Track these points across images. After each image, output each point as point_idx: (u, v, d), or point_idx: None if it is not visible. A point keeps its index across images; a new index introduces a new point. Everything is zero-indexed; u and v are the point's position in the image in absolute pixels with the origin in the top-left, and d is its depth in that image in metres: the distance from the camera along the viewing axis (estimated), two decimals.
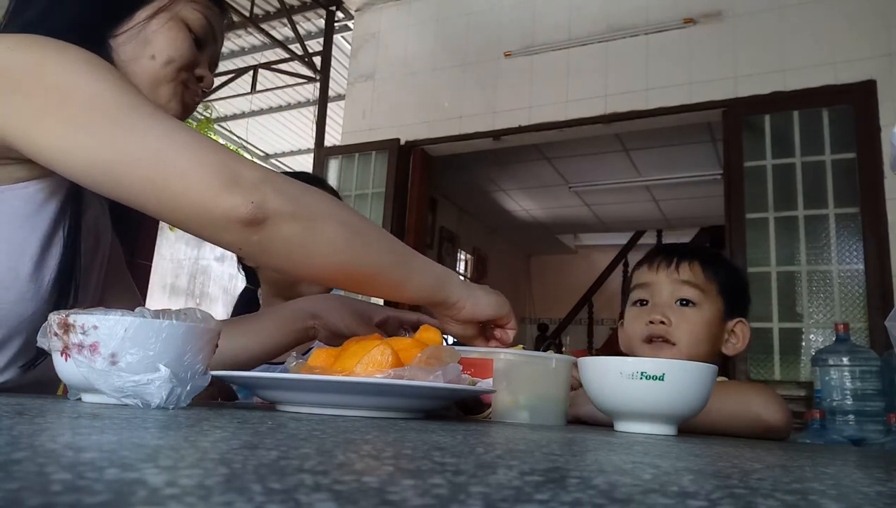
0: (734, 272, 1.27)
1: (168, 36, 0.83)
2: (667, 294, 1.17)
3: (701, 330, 1.15)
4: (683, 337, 1.13)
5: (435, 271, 0.80)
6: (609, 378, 0.74)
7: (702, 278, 1.18)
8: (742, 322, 1.21)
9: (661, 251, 1.24)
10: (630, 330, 1.20)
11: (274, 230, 0.65)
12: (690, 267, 1.18)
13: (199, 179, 0.63)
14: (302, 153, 7.11)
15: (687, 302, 1.16)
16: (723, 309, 1.18)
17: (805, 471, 0.39)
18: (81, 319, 0.56)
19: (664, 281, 1.18)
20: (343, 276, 0.74)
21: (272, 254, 0.69)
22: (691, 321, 1.15)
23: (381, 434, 0.43)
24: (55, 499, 0.16)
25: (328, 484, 0.21)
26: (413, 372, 0.64)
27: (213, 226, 0.65)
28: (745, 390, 1.03)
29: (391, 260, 0.76)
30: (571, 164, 5.50)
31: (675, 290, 1.17)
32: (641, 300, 1.20)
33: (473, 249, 6.99)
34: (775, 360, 2.98)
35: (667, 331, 1.14)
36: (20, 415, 0.38)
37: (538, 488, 0.23)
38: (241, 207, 0.63)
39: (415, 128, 4.07)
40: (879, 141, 2.94)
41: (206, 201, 0.63)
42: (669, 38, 3.52)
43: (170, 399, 0.55)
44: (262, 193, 0.64)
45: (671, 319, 1.14)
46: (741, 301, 1.23)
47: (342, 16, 4.72)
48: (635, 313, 1.21)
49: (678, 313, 1.15)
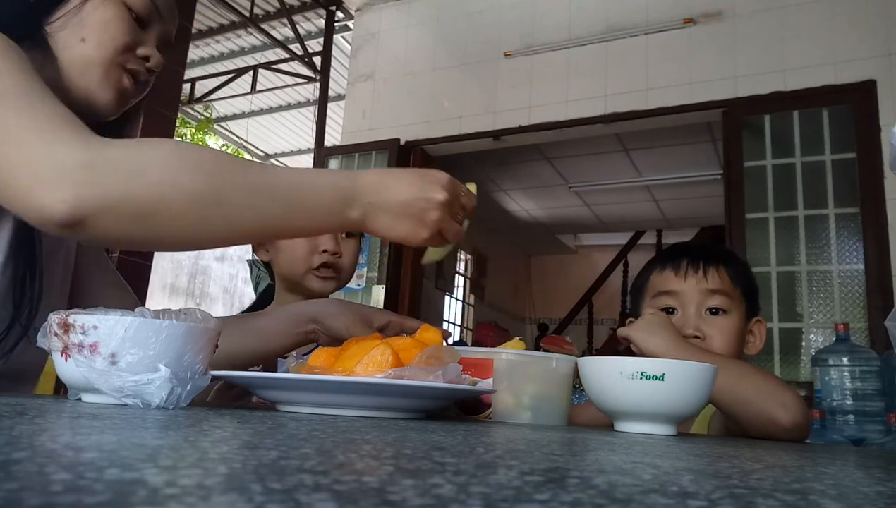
0: (750, 271, 1.24)
1: (101, 17, 0.80)
2: (696, 303, 1.14)
3: (733, 337, 1.13)
4: (718, 347, 1.10)
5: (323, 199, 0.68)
6: (609, 378, 0.74)
7: (729, 283, 1.15)
8: (759, 321, 1.19)
9: (684, 253, 1.20)
10: None
11: (97, 228, 0.58)
12: (718, 272, 1.15)
13: (20, 174, 0.57)
14: (302, 153, 7.11)
15: (717, 311, 1.13)
16: (745, 311, 1.16)
17: (805, 471, 0.39)
18: (81, 319, 0.56)
19: (693, 289, 1.14)
20: (206, 244, 0.67)
21: (114, 245, 0.64)
22: (724, 330, 1.12)
23: (381, 434, 0.43)
24: (55, 499, 0.16)
25: (328, 484, 0.21)
26: (413, 372, 0.64)
27: (42, 226, 0.59)
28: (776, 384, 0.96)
29: (260, 212, 0.65)
30: (571, 164, 5.50)
31: (704, 299, 1.14)
32: (668, 308, 1.16)
33: (473, 249, 6.99)
34: (775, 360, 2.98)
35: (700, 344, 1.10)
36: (20, 415, 0.38)
37: (538, 488, 0.23)
38: (53, 207, 0.56)
39: (415, 128, 4.07)
40: (879, 141, 2.94)
41: (22, 199, 0.57)
42: (669, 38, 3.52)
43: (170, 399, 0.55)
44: (77, 189, 0.56)
45: (704, 331, 1.11)
46: (757, 299, 1.21)
47: (342, 16, 4.72)
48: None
49: (710, 323, 1.12)
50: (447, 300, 6.58)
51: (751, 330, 1.18)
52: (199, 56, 5.70)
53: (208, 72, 5.76)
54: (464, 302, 7.08)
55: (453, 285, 6.68)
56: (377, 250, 3.94)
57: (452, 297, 6.77)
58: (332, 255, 1.22)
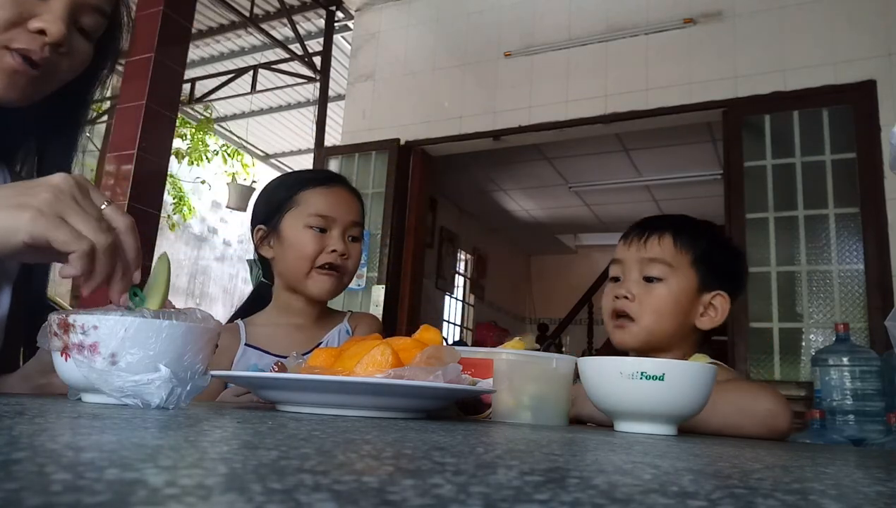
0: (718, 243, 1.25)
1: None
2: (636, 270, 1.18)
3: (665, 305, 1.15)
4: (645, 313, 1.15)
5: None
6: (609, 378, 0.74)
7: (671, 251, 1.17)
8: (721, 295, 1.18)
9: (637, 225, 1.25)
10: (603, 305, 1.24)
11: None
12: (660, 240, 1.18)
13: None
14: (302, 153, 7.11)
15: (651, 279, 1.17)
16: (697, 281, 1.17)
17: (805, 471, 0.39)
18: (81, 319, 0.55)
19: (633, 257, 1.20)
20: None
21: None
22: (656, 296, 1.15)
23: (381, 434, 0.43)
24: (55, 499, 0.16)
25: (328, 484, 0.21)
26: (413, 372, 0.64)
27: None
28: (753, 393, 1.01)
29: None
30: (571, 164, 5.50)
31: (641, 267, 1.18)
32: (615, 277, 1.23)
33: (473, 249, 6.99)
34: (775, 360, 2.98)
35: (629, 307, 1.15)
36: (20, 415, 0.38)
37: (538, 488, 0.23)
38: None
39: (415, 128, 4.07)
40: (879, 141, 2.94)
41: None
42: (669, 38, 3.52)
43: (170, 399, 0.55)
44: None
45: (635, 294, 1.16)
46: (725, 273, 1.21)
47: (342, 16, 4.72)
48: (608, 288, 1.24)
49: (644, 289, 1.16)
50: (447, 300, 6.58)
51: (710, 303, 1.18)
52: (199, 56, 5.70)
53: (208, 72, 5.76)
54: (464, 302, 7.08)
55: (453, 285, 6.68)
56: (377, 250, 3.94)
57: (452, 297, 6.77)
58: (340, 256, 1.22)
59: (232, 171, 6.68)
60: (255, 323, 1.28)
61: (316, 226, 1.23)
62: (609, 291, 1.22)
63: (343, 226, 1.25)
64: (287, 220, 1.25)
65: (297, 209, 1.25)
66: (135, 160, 2.74)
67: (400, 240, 3.98)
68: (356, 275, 1.37)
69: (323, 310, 1.31)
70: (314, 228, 1.23)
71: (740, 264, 1.28)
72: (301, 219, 1.24)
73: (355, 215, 1.28)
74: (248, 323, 1.28)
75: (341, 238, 1.24)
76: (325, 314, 1.32)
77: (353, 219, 1.27)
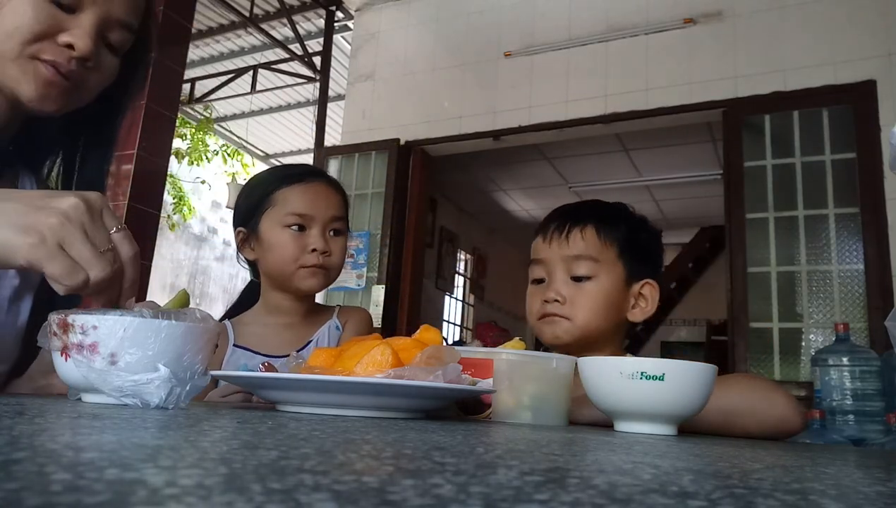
0: (638, 230, 1.18)
1: (14, 5, 0.72)
2: (561, 270, 1.12)
3: (598, 302, 1.10)
4: (578, 313, 1.09)
5: None
6: (609, 378, 0.74)
7: (596, 245, 1.11)
8: (650, 284, 1.14)
9: (556, 217, 1.17)
10: (528, 308, 1.16)
11: None
12: (583, 234, 1.12)
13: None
14: (302, 153, 7.10)
15: (581, 278, 1.11)
16: (624, 273, 1.12)
17: (805, 471, 0.39)
18: (81, 319, 0.55)
19: (556, 256, 1.12)
20: None
21: None
22: (590, 296, 1.10)
23: (381, 434, 0.43)
24: (55, 499, 0.16)
25: (328, 484, 0.21)
26: (413, 372, 0.64)
27: None
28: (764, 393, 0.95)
29: None
30: (571, 164, 5.50)
31: (568, 266, 1.11)
32: (537, 279, 1.15)
33: (473, 249, 6.99)
34: (775, 360, 2.98)
35: (561, 310, 1.10)
36: (20, 415, 0.38)
37: (538, 488, 0.23)
38: None
39: (415, 128, 4.07)
40: (879, 141, 2.94)
41: None
42: (669, 38, 3.52)
43: (169, 398, 0.55)
44: None
45: (565, 296, 1.10)
46: (648, 260, 1.16)
47: (342, 16, 4.72)
48: (532, 290, 1.16)
49: (573, 289, 1.10)
50: (447, 300, 6.58)
51: (640, 293, 1.13)
52: (199, 56, 5.70)
53: (208, 72, 5.76)
54: (464, 302, 7.08)
55: (453, 285, 6.68)
56: (377, 250, 3.94)
57: (452, 297, 6.77)
58: (321, 254, 1.19)
59: (232, 171, 6.69)
60: (243, 323, 1.26)
61: (294, 225, 1.20)
62: (534, 293, 1.14)
63: (322, 222, 1.21)
64: (265, 222, 1.21)
65: (274, 209, 1.21)
66: (135, 160, 2.74)
67: (400, 240, 3.98)
68: (356, 276, 1.36)
69: (311, 307, 1.30)
70: (292, 227, 1.19)
71: (659, 246, 1.22)
72: (278, 219, 1.20)
73: (335, 209, 1.24)
74: (236, 322, 1.26)
75: (321, 235, 1.20)
76: (313, 310, 1.30)
77: (333, 213, 1.23)
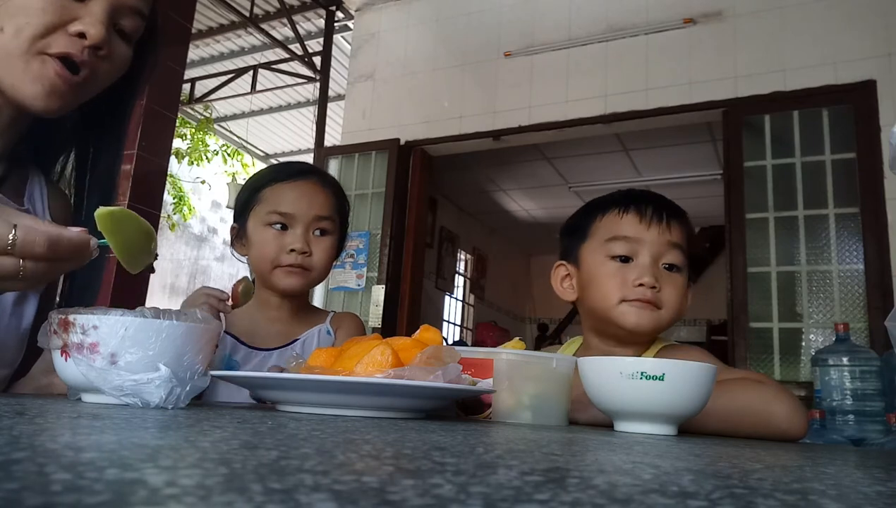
0: (694, 233, 1.19)
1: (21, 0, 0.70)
2: (655, 254, 1.07)
3: (682, 295, 1.08)
4: (671, 303, 1.06)
5: None
6: (609, 378, 0.74)
7: (685, 240, 1.10)
8: (690, 286, 1.13)
9: (644, 200, 1.11)
10: (608, 287, 1.07)
11: None
12: (680, 226, 1.10)
13: None
14: (302, 153, 7.11)
15: (672, 267, 1.08)
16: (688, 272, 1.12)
17: (805, 471, 0.39)
18: (81, 319, 0.55)
19: (655, 239, 1.07)
20: None
21: None
22: (678, 287, 1.07)
23: (381, 434, 0.43)
24: (55, 499, 0.16)
25: (328, 484, 0.21)
26: (413, 372, 0.64)
27: None
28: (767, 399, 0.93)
29: None
30: (571, 164, 5.50)
31: (664, 252, 1.07)
32: (623, 256, 1.08)
33: (473, 249, 6.99)
34: (775, 360, 2.98)
35: (656, 296, 1.04)
36: (20, 415, 0.38)
37: (538, 488, 0.23)
38: None
39: (415, 128, 4.07)
40: (879, 141, 2.94)
41: None
42: (669, 38, 3.52)
43: (169, 398, 0.55)
44: None
45: (659, 284, 1.05)
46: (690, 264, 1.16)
47: (342, 16, 4.72)
48: (615, 269, 1.07)
49: (666, 277, 1.07)
50: (447, 300, 6.58)
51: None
52: (199, 56, 5.70)
53: (208, 72, 5.76)
54: (464, 302, 7.08)
55: (453, 285, 6.68)
56: (377, 250, 3.94)
57: (452, 297, 6.77)
58: (300, 254, 1.17)
59: (232, 171, 6.69)
60: (236, 314, 1.27)
61: (275, 223, 1.19)
62: (616, 273, 1.06)
63: (306, 222, 1.19)
64: (251, 219, 1.22)
65: (259, 206, 1.21)
66: (135, 160, 2.73)
67: (400, 240, 3.98)
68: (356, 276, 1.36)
69: (302, 307, 1.29)
70: (274, 226, 1.19)
71: None
72: (262, 217, 1.20)
73: (320, 209, 1.21)
74: (230, 313, 1.26)
75: (302, 236, 1.18)
76: (304, 310, 1.30)
77: (318, 213, 1.20)
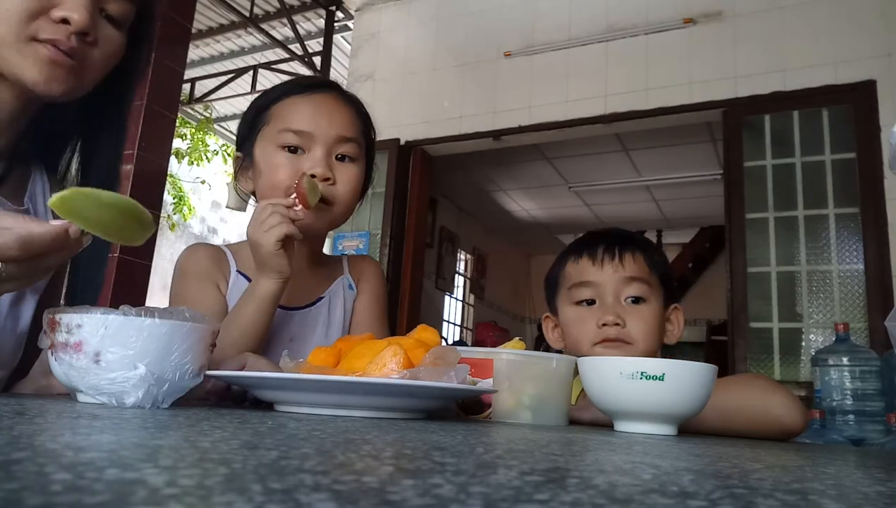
0: (665, 258, 1.21)
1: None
2: (614, 292, 1.10)
3: (652, 324, 1.10)
4: (640, 336, 1.08)
5: None
6: (609, 378, 0.74)
7: (646, 270, 1.12)
8: (677, 308, 1.16)
9: (599, 240, 1.15)
10: (578, 333, 1.12)
11: None
12: (634, 259, 1.12)
13: None
14: None
15: (637, 299, 1.10)
16: (663, 298, 1.14)
17: (805, 471, 0.39)
18: (66, 318, 0.55)
19: (610, 278, 1.10)
20: None
21: None
22: (645, 319, 1.09)
23: (381, 434, 0.43)
24: (55, 499, 0.16)
25: (328, 484, 0.21)
26: (427, 373, 0.64)
27: None
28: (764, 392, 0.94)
29: None
30: (571, 164, 5.50)
31: (623, 287, 1.10)
32: (588, 300, 1.12)
33: (473, 249, 6.99)
34: (775, 360, 2.98)
35: (621, 333, 1.08)
36: (20, 415, 0.38)
37: (538, 488, 0.23)
38: None
39: (415, 128, 4.07)
40: (879, 141, 2.93)
41: None
42: (669, 38, 3.52)
43: (145, 398, 0.53)
44: None
45: (624, 319, 1.08)
46: (672, 286, 1.18)
47: (342, 16, 4.72)
48: (581, 314, 1.12)
49: (630, 311, 1.09)
50: (447, 300, 6.58)
51: (668, 318, 1.15)
52: (199, 56, 5.70)
53: (208, 72, 5.76)
54: (464, 302, 7.08)
55: (453, 285, 6.68)
56: (377, 250, 3.94)
57: (452, 297, 6.77)
58: (322, 181, 0.97)
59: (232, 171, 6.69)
60: (241, 253, 1.05)
61: (288, 144, 0.98)
62: (585, 317, 1.11)
63: (326, 142, 0.98)
64: (259, 142, 1.02)
65: (269, 126, 1.01)
66: (135, 160, 2.73)
67: (400, 240, 3.98)
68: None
69: (318, 253, 1.12)
70: (287, 148, 0.98)
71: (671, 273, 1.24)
72: (272, 137, 1.00)
73: (342, 128, 1.00)
74: (236, 250, 1.08)
75: (323, 158, 0.98)
76: (321, 259, 1.13)
77: (340, 132, 0.99)
